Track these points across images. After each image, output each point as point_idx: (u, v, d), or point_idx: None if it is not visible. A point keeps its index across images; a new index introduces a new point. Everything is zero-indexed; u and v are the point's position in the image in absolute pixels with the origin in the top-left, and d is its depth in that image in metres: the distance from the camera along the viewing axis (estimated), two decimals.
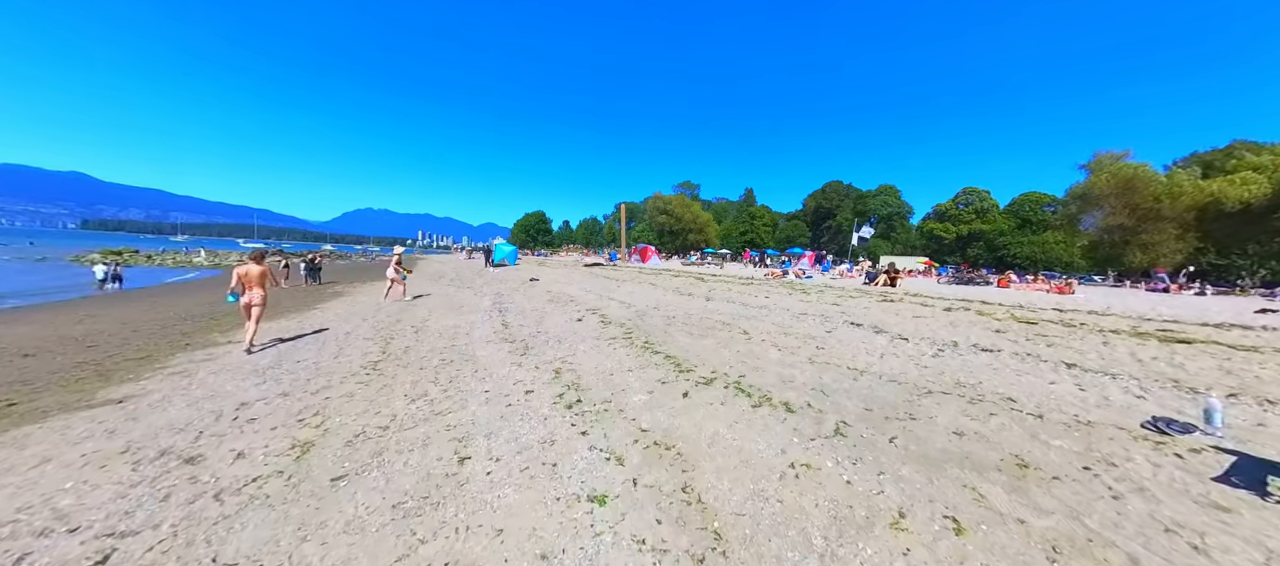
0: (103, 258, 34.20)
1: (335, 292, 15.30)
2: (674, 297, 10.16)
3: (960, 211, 52.80)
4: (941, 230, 52.90)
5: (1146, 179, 30.07)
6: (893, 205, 56.43)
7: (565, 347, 5.64)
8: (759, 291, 10.91)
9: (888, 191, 57.49)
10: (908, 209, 57.24)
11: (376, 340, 6.73)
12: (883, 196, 57.16)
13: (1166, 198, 29.08)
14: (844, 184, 62.51)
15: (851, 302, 9.09)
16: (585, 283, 14.68)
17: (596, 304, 9.45)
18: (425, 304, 10.46)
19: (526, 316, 8.07)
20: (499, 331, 6.82)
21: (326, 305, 11.08)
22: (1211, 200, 27.88)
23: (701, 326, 6.86)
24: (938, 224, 53.66)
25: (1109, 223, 31.38)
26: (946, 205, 53.91)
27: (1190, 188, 29.08)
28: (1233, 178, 27.55)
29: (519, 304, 9.85)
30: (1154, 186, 29.62)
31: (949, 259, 47.71)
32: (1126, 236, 30.61)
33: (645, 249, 28.37)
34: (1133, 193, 30.30)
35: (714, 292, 10.94)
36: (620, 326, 6.91)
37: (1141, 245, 29.95)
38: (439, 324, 7.80)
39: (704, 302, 9.37)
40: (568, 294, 11.30)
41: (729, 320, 7.36)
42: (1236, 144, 34.51)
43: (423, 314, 9.16)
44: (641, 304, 9.30)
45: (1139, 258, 29.99)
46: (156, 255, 39.94)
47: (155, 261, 35.35)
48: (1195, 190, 28.84)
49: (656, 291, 11.40)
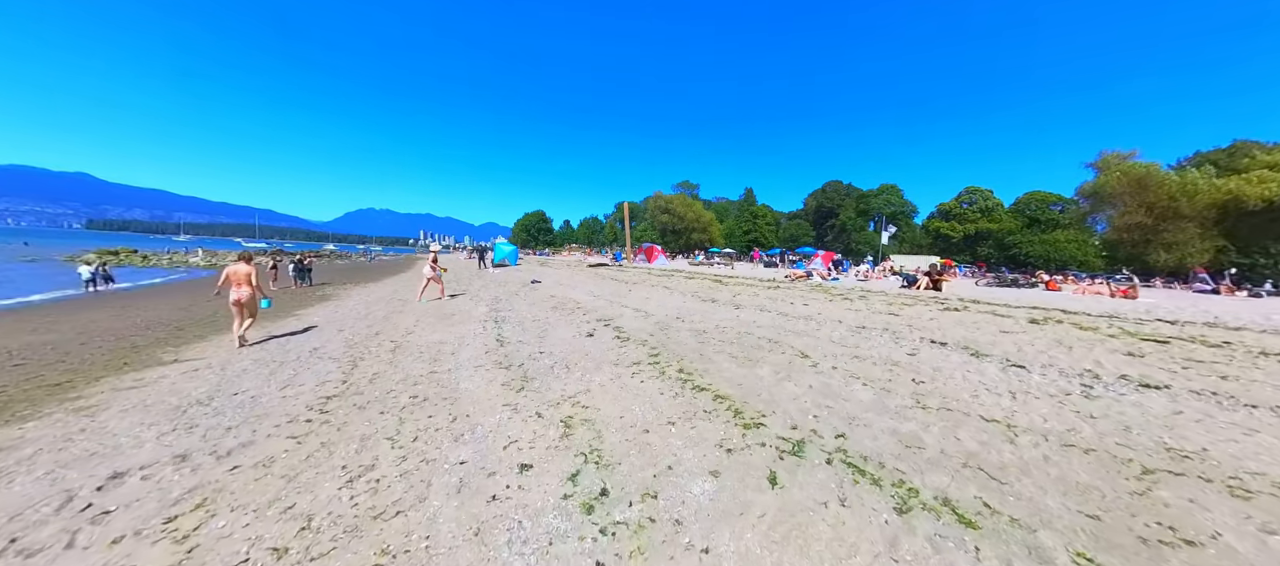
0: (98, 257, 33.17)
1: (322, 296, 13.88)
2: (696, 304, 8.72)
3: (965, 210, 51.42)
4: (948, 229, 51.51)
5: (1159, 178, 28.82)
6: (896, 204, 55.00)
7: (576, 378, 4.21)
8: (790, 297, 9.47)
9: (890, 190, 56.05)
10: (911, 208, 55.81)
11: (343, 360, 5.31)
12: (885, 195, 55.72)
13: (1182, 196, 27.80)
14: (844, 183, 61.09)
15: (909, 311, 7.65)
16: (592, 285, 13.23)
17: (608, 312, 8.01)
18: (413, 311, 9.02)
19: (527, 330, 6.63)
20: (492, 350, 5.38)
21: (308, 310, 9.69)
22: (1230, 198, 26.64)
23: (744, 345, 5.43)
24: (944, 223, 52.26)
25: (1126, 221, 30.03)
26: (951, 204, 52.52)
27: (1206, 186, 27.79)
28: (1249, 176, 26.40)
29: (519, 312, 8.41)
30: (1168, 185, 28.35)
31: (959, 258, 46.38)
32: (1147, 235, 29.32)
33: (651, 248, 26.90)
34: (1146, 191, 29.04)
35: (739, 298, 9.50)
36: (642, 344, 5.48)
37: (1165, 244, 28.65)
38: (423, 338, 6.36)
39: (733, 311, 7.92)
40: (574, 299, 9.85)
41: (775, 336, 5.92)
42: (1239, 143, 33.35)
43: (408, 323, 7.73)
44: (661, 313, 7.86)
45: (1163, 257, 28.68)
46: (153, 255, 38.77)
47: (150, 261, 34.28)
48: (1212, 189, 27.56)
49: (674, 297, 9.96)
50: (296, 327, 7.76)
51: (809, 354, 5.04)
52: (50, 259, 30.29)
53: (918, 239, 54.31)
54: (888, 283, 14.47)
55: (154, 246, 55.79)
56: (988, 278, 16.77)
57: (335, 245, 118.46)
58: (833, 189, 59.94)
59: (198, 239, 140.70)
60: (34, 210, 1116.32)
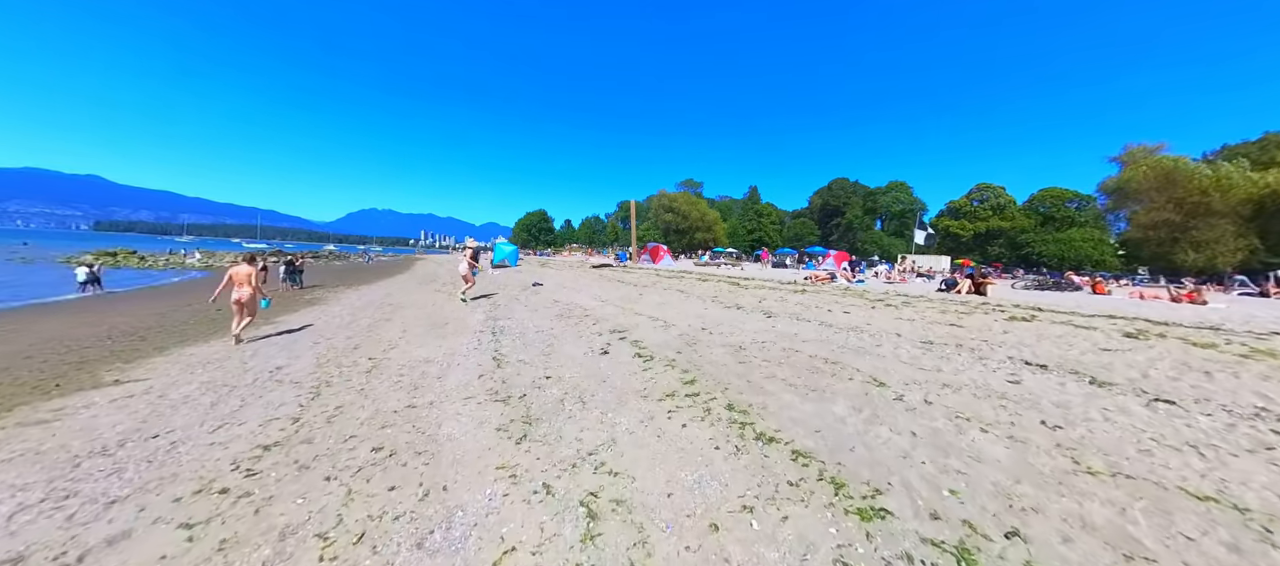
0: (95, 259, 32.03)
1: (311, 299, 12.89)
2: (720, 312, 7.68)
3: (976, 208, 50.20)
4: (958, 228, 50.32)
5: (1189, 172, 27.46)
6: (904, 202, 53.80)
7: (595, 418, 3.18)
8: (823, 302, 8.41)
9: (898, 188, 54.83)
10: (920, 206, 54.56)
11: (306, 386, 4.33)
12: (893, 193, 54.53)
13: (1215, 191, 26.51)
14: (851, 181, 59.92)
15: (971, 321, 6.58)
16: (598, 289, 12.20)
17: (621, 321, 6.99)
18: (401, 320, 8.01)
19: (529, 344, 5.61)
20: (488, 373, 4.36)
21: (289, 316, 8.73)
22: (1268, 193, 25.30)
23: (797, 368, 4.40)
24: (953, 221, 51.06)
25: (1151, 218, 28.74)
26: (961, 202, 51.31)
27: (1242, 180, 26.41)
28: None
29: (519, 320, 7.40)
30: (1199, 179, 27.02)
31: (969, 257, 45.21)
32: (1174, 233, 28.05)
33: (656, 248, 25.85)
34: (1174, 186, 27.77)
35: (766, 304, 8.45)
36: (670, 365, 4.46)
37: (1193, 243, 27.37)
38: (407, 355, 5.35)
39: (765, 320, 6.88)
40: (580, 305, 8.83)
41: (829, 354, 4.88)
42: (1271, 135, 31.98)
43: (393, 334, 6.73)
44: (682, 322, 6.83)
45: (1191, 256, 27.40)
46: (150, 256, 38.25)
47: (147, 263, 33.75)
48: (1248, 183, 26.19)
49: (691, 302, 8.92)
50: (271, 334, 6.82)
51: (884, 381, 3.99)
52: (47, 260, 29.68)
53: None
54: (914, 285, 13.40)
55: (154, 247, 55.35)
56: (1026, 279, 15.60)
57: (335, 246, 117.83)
58: (839, 186, 58.78)
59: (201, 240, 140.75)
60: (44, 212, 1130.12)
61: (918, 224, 12.33)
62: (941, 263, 33.58)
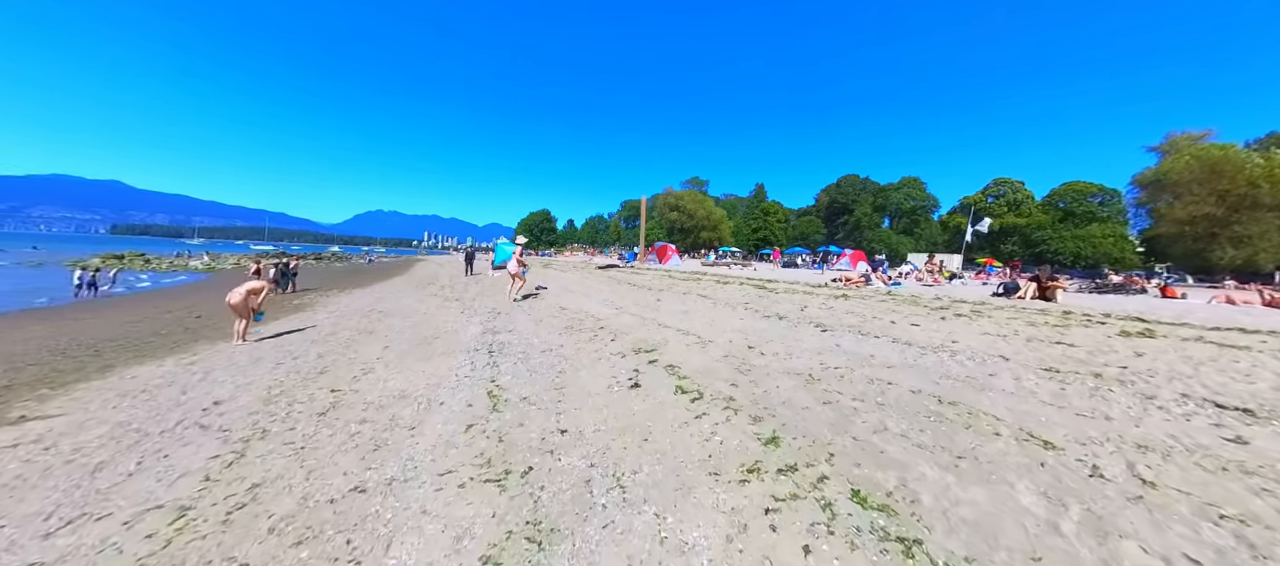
0: (103, 261, 30.69)
1: (298, 305, 11.82)
2: (760, 323, 6.41)
3: (991, 204, 48.46)
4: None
5: (1238, 162, 25.55)
6: (917, 198, 52.07)
7: (647, 531, 1.92)
8: (876, 310, 7.10)
9: (911, 184, 53.04)
10: (934, 202, 52.83)
11: (234, 437, 3.22)
12: (906, 189, 52.75)
13: (1266, 182, 24.65)
14: (860, 177, 58.21)
15: (1086, 336, 5.26)
16: (608, 292, 10.98)
17: (644, 335, 5.76)
18: (383, 334, 6.84)
19: (535, 371, 4.40)
20: (479, 422, 3.14)
21: (265, 325, 7.65)
22: None
23: (909, 413, 3.14)
24: (965, 218, 49.32)
25: (1189, 212, 26.96)
26: (975, 198, 49.57)
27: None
28: None
29: (521, 334, 6.19)
30: (1249, 170, 25.14)
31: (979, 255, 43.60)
32: (1213, 228, 26.27)
33: (665, 247, 24.54)
34: (1220, 178, 25.96)
35: (811, 311, 7.17)
36: (730, 406, 3.22)
37: (1233, 239, 25.58)
38: (378, 387, 4.15)
39: (821, 335, 5.60)
40: (592, 314, 7.60)
41: (936, 389, 3.60)
42: None
43: (371, 353, 5.56)
44: (720, 336, 5.58)
45: (1229, 254, 25.64)
46: (156, 259, 38.07)
47: (151, 265, 33.72)
48: None
49: (721, 310, 7.65)
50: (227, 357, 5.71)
51: (1048, 438, 2.73)
52: (56, 264, 29.30)
53: (934, 236, 51.49)
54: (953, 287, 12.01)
55: (166, 249, 55.71)
56: (1078, 282, 14.13)
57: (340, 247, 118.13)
58: (848, 183, 57.12)
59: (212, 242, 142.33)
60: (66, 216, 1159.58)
61: (972, 219, 10.91)
62: (952, 261, 31.98)
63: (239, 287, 6.33)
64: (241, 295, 6.17)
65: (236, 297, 6.17)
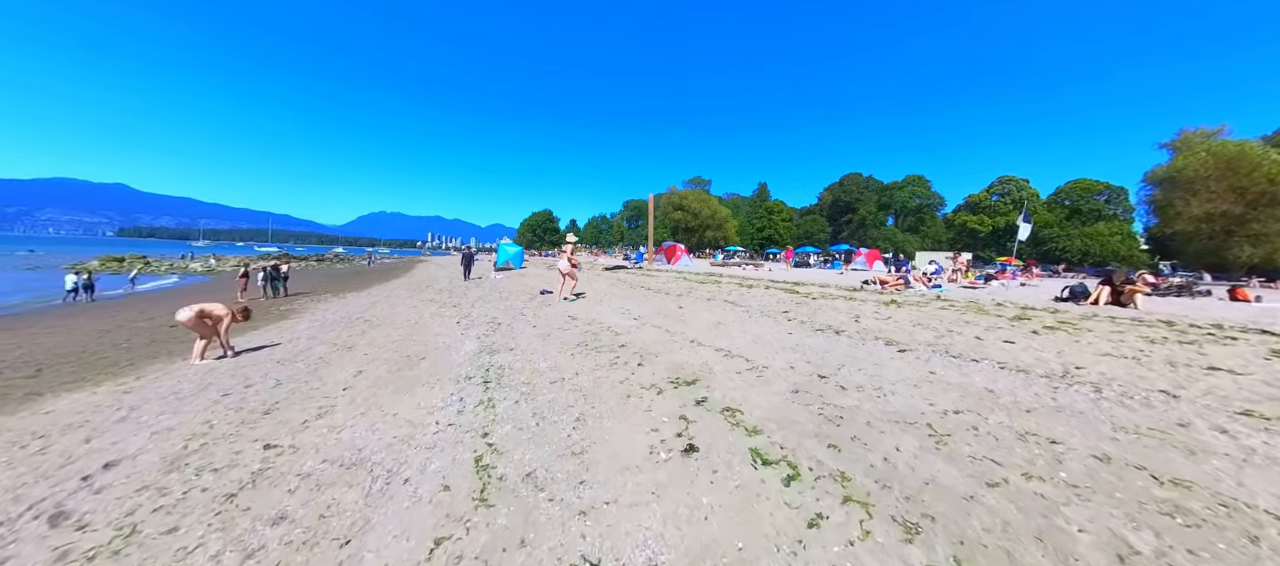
0: (102, 264, 30.24)
1: (285, 310, 10.61)
2: (813, 339, 5.22)
3: (996, 202, 47.30)
4: (975, 223, 47.46)
5: (1255, 157, 24.51)
6: (923, 196, 50.88)
7: None
8: (947, 322, 5.89)
9: (916, 182, 51.83)
10: (939, 200, 51.64)
11: (92, 534, 1.94)
12: (911, 188, 51.55)
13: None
14: (863, 176, 57.02)
15: (1224, 355, 4.15)
16: (621, 298, 9.79)
17: (677, 357, 4.59)
18: (362, 349, 5.66)
19: (543, 417, 3.21)
20: (459, 524, 1.98)
21: (239, 337, 6.53)
22: None
23: (1128, 507, 1.98)
24: (970, 216, 48.19)
25: (1206, 210, 25.83)
26: (980, 196, 48.38)
27: None
28: None
29: (525, 354, 5.01)
30: (1267, 166, 24.09)
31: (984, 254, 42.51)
32: (1230, 225, 25.17)
33: (673, 247, 23.35)
34: (1237, 174, 24.88)
35: (868, 323, 6.00)
36: (843, 490, 2.07)
37: (1251, 237, 24.50)
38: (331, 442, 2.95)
39: (902, 359, 4.42)
40: (608, 326, 6.41)
41: (1157, 464, 2.40)
42: None
43: (338, 383, 4.38)
44: (774, 359, 4.40)
45: (1247, 252, 24.56)
46: (155, 261, 37.17)
47: (150, 268, 32.26)
48: None
49: (756, 321, 6.46)
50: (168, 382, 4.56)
51: None
52: (53, 267, 28.24)
53: (938, 234, 50.35)
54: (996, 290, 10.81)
55: (170, 251, 55.01)
56: (1171, 280, 12.84)
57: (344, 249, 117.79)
58: (851, 182, 55.94)
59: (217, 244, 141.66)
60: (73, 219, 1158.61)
61: (1022, 217, 9.71)
62: (958, 258, 30.72)
63: (189, 307, 5.33)
64: (191, 315, 5.26)
65: (185, 316, 5.26)
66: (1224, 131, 27.48)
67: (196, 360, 5.47)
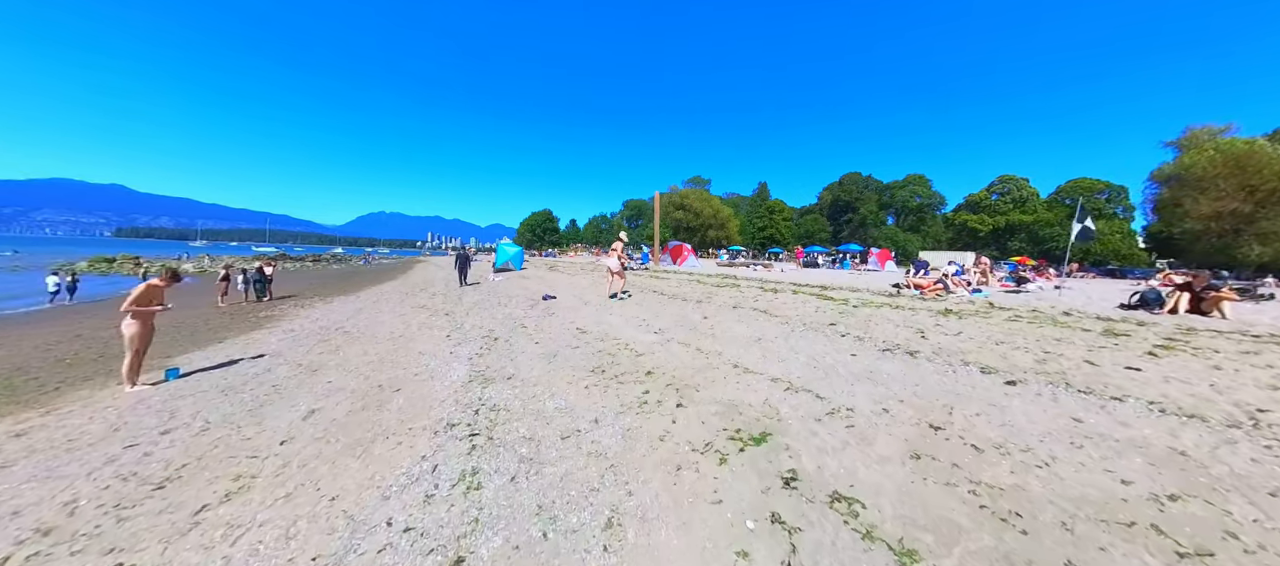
0: (90, 265, 28.49)
1: (264, 317, 9.44)
2: (893, 366, 4.09)
3: (995, 201, 46.64)
4: (976, 222, 46.81)
5: (1265, 156, 23.87)
6: (924, 196, 50.10)
7: None
8: (1032, 338, 4.85)
9: (916, 181, 51.05)
10: (939, 200, 50.88)
11: None
12: (912, 187, 50.77)
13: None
14: (862, 175, 56.20)
15: None
16: (632, 304, 8.68)
17: (723, 392, 3.51)
18: (337, 366, 4.53)
19: (553, 493, 2.12)
20: None
21: (195, 353, 5.41)
22: None
23: None
24: (971, 216, 47.54)
25: (1215, 208, 25.14)
26: (980, 195, 47.73)
27: None
28: None
29: (526, 384, 3.90)
30: (1277, 164, 23.44)
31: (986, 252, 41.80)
32: (1239, 224, 24.50)
33: (680, 247, 22.28)
34: (1246, 173, 24.22)
35: (938, 340, 4.95)
36: None
37: (1261, 235, 23.83)
38: (263, 516, 1.85)
39: (1018, 395, 3.37)
40: (626, 343, 5.31)
41: None
42: None
43: (286, 425, 3.25)
44: (862, 402, 3.32)
45: (1258, 250, 23.89)
46: (146, 262, 35.71)
47: (140, 268, 31.46)
48: None
49: (806, 338, 5.35)
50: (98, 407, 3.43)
51: None
52: (39, 267, 26.85)
53: (938, 234, 49.64)
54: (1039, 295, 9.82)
55: (159, 252, 53.33)
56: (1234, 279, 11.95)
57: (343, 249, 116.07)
58: (851, 181, 55.08)
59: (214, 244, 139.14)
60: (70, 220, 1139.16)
61: (1077, 216, 8.70)
62: (964, 259, 29.89)
63: (130, 320, 4.24)
64: (136, 327, 4.23)
65: (133, 329, 4.25)
66: (1232, 130, 26.84)
67: (128, 386, 4.37)
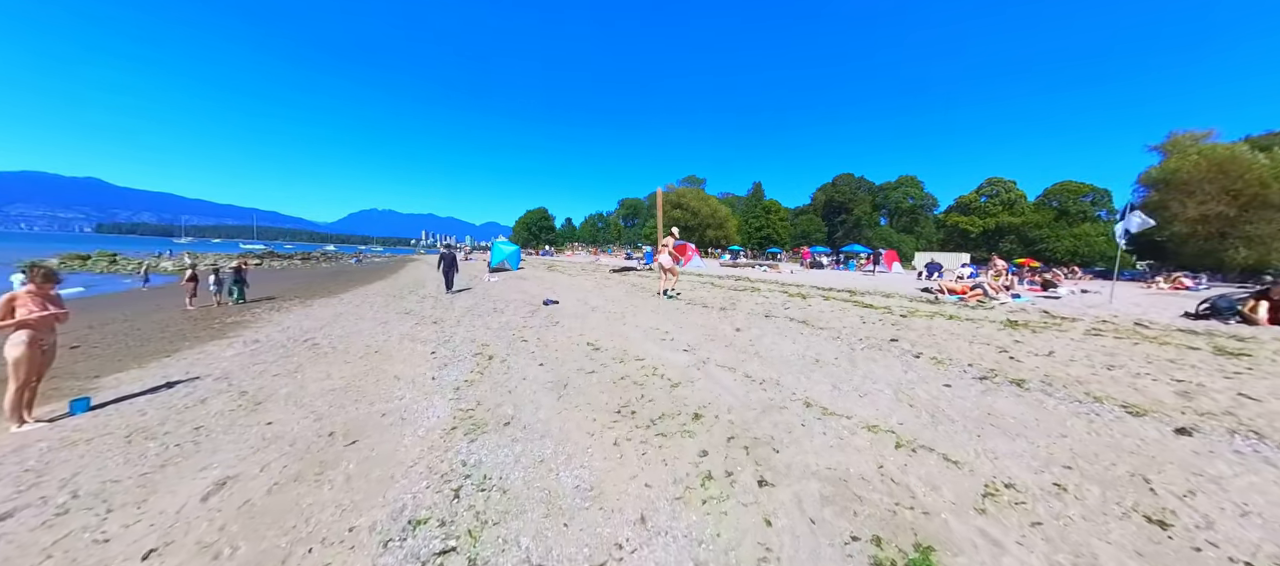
0: (61, 262, 26.23)
1: (234, 321, 8.14)
2: (1010, 402, 3.03)
3: (985, 203, 46.83)
4: (966, 224, 46.96)
5: (1246, 161, 24.03)
6: (917, 197, 50.06)
7: None
8: (1142, 359, 3.95)
9: (909, 183, 50.99)
10: (932, 201, 50.92)
11: None
12: (904, 188, 50.70)
13: (1275, 182, 23.11)
14: (856, 176, 56.03)
15: None
16: (647, 312, 7.62)
17: (810, 452, 2.50)
18: (286, 395, 3.36)
19: None
20: None
21: (128, 371, 4.15)
22: None
23: None
24: (962, 217, 47.67)
25: (1201, 212, 25.22)
26: (969, 197, 47.89)
27: None
28: None
29: (530, 435, 2.85)
30: (1257, 169, 23.60)
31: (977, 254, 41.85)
32: (1224, 228, 24.60)
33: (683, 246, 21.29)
34: (1229, 177, 24.36)
35: (1029, 362, 4.05)
36: None
37: (1245, 239, 23.96)
38: None
39: (1233, 471, 2.47)
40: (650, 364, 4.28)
41: None
42: None
43: (178, 502, 2.05)
44: (1019, 472, 2.30)
45: (1243, 254, 24.02)
46: (123, 259, 33.39)
47: (117, 267, 28.33)
48: None
49: (872, 360, 4.35)
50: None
51: None
52: (4, 265, 24.56)
53: (931, 235, 49.74)
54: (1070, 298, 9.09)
55: (139, 249, 50.12)
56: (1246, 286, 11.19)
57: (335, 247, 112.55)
58: (844, 182, 54.83)
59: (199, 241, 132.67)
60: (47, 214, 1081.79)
61: (1124, 215, 7.86)
62: (958, 260, 29.66)
63: (17, 337, 3.22)
64: (19, 350, 3.20)
65: (16, 352, 3.25)
66: (1213, 135, 27.04)
67: (14, 425, 3.24)
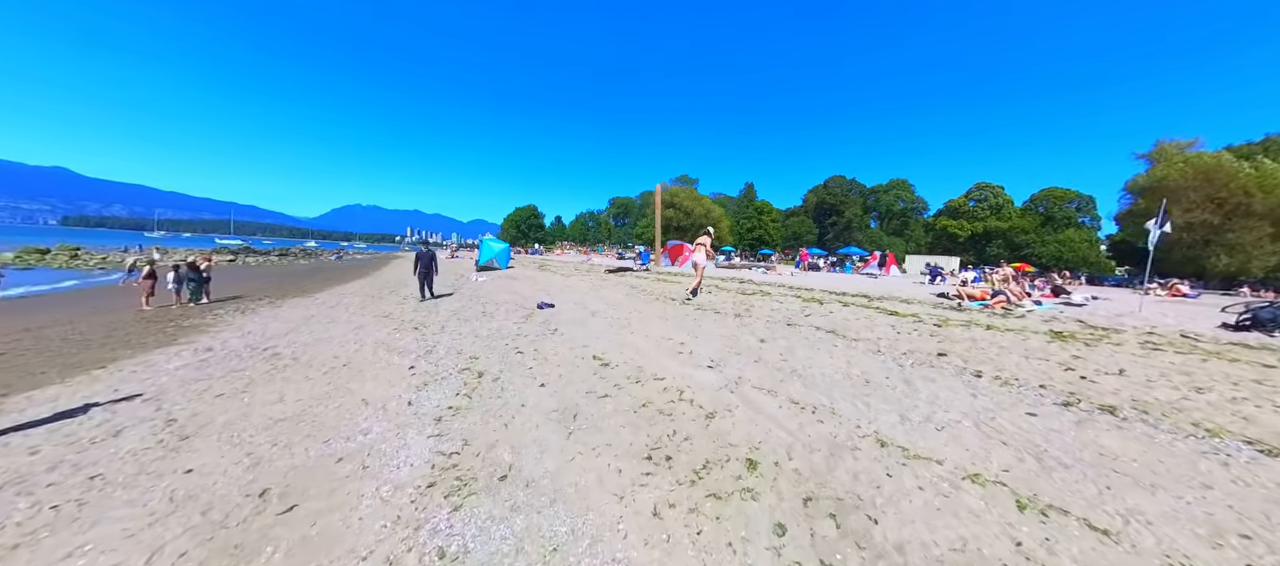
0: (15, 257, 24.59)
1: (183, 328, 7.15)
2: (1115, 439, 2.63)
3: (973, 208, 47.62)
4: (955, 227, 47.65)
5: (1231, 169, 24.73)
6: (907, 200, 50.63)
7: None
8: (1228, 379, 3.60)
9: (900, 186, 51.55)
10: (922, 205, 51.58)
11: None
12: (895, 191, 51.23)
13: (1258, 191, 23.82)
14: (847, 178, 56.48)
15: None
16: (654, 318, 6.95)
17: (928, 529, 1.91)
18: (222, 419, 2.54)
19: None
20: None
21: (44, 390, 3.20)
22: None
23: None
24: (951, 221, 48.38)
25: (1187, 219, 25.86)
26: (958, 201, 48.66)
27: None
28: None
29: (534, 496, 2.18)
30: (1241, 178, 24.31)
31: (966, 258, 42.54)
32: (1208, 235, 25.28)
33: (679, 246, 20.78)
34: (1213, 185, 25.04)
35: (1109, 385, 3.56)
36: None
37: (1227, 246, 24.64)
38: None
39: None
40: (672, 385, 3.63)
41: None
42: (1273, 137, 30.07)
43: None
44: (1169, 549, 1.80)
45: (1224, 261, 24.71)
46: (85, 254, 31.04)
47: (78, 262, 26.37)
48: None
49: (931, 381, 3.78)
50: None
51: None
52: None
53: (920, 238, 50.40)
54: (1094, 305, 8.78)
55: (107, 243, 46.76)
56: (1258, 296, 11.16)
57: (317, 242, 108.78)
58: (836, 184, 55.17)
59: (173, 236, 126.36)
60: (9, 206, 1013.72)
61: (1158, 222, 7.47)
62: (948, 263, 29.80)
63: None
64: None
65: None
66: (1197, 143, 27.82)
67: None
